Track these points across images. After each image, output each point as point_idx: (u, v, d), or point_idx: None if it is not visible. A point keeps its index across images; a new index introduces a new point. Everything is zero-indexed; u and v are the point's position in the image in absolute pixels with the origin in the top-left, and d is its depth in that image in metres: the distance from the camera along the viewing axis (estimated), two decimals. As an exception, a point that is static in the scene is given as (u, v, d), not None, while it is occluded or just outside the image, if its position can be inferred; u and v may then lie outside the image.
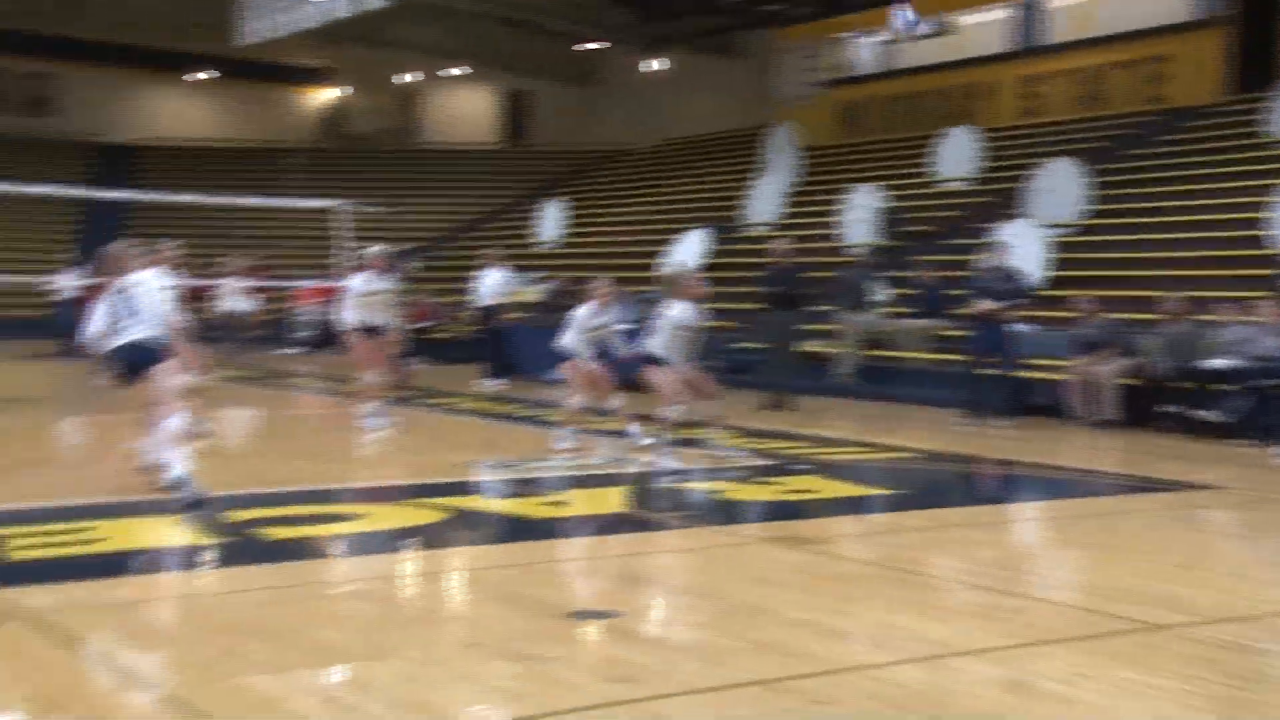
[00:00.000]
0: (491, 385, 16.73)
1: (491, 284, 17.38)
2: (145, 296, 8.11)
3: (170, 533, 7.11)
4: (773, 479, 9.17)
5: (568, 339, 10.74)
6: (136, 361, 8.00)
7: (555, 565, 6.51)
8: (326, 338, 24.31)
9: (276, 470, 9.54)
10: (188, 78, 36.58)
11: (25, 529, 7.06)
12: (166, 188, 28.25)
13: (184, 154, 34.94)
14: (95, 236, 29.09)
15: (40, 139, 33.70)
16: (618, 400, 10.99)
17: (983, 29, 25.22)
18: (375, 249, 12.21)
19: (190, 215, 29.98)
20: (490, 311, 17.39)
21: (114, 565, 6.20)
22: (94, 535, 6.89)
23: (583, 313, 10.74)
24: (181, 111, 36.93)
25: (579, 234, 26.24)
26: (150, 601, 5.49)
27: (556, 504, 8.30)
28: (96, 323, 8.17)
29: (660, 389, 9.72)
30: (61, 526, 7.14)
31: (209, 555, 6.55)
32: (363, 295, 11.73)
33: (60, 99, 35.32)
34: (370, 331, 11.74)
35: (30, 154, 32.39)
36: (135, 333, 8.00)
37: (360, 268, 12.55)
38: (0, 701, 3.99)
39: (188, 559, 6.53)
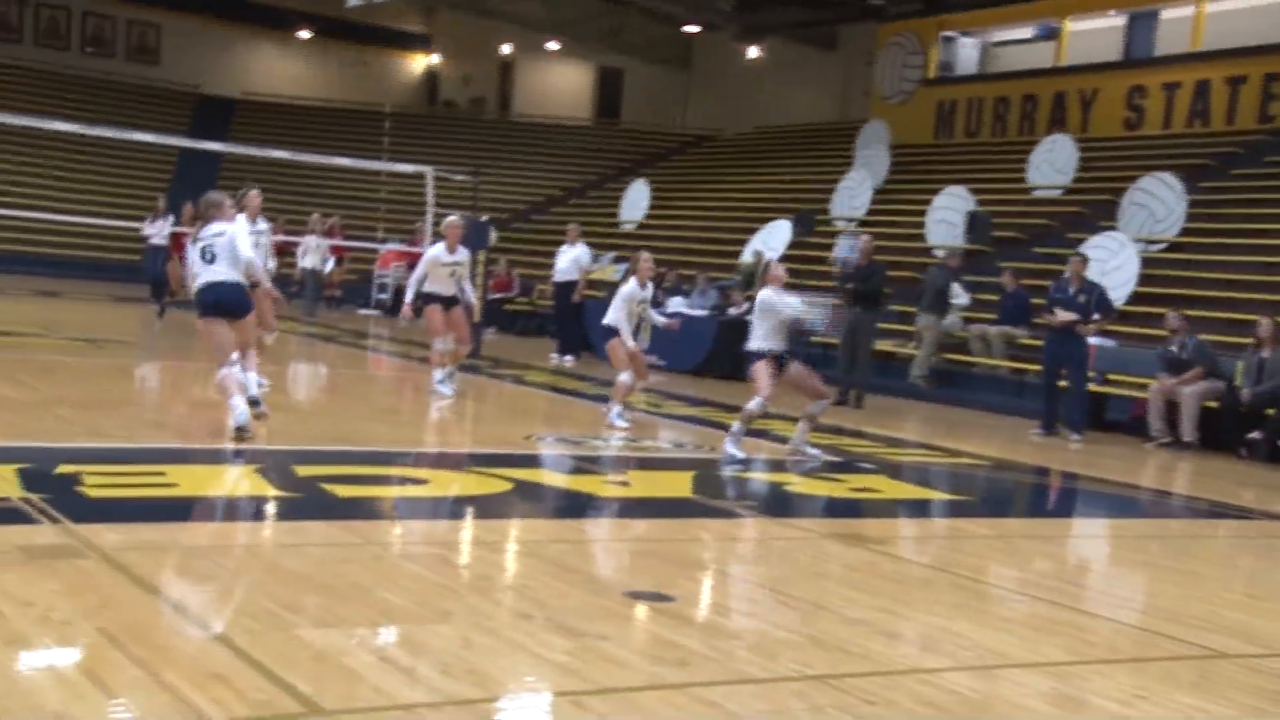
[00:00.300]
0: (564, 361, 16.80)
1: (570, 260, 17.42)
2: (228, 244, 8.44)
3: (238, 482, 7.24)
4: (838, 475, 9.12)
5: (611, 315, 10.69)
6: (219, 303, 8.40)
7: (614, 544, 6.52)
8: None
9: (345, 429, 9.66)
10: (289, 35, 37.05)
11: (101, 468, 7.22)
12: (261, 142, 28.69)
13: (280, 110, 35.44)
14: (188, 186, 29.68)
15: (143, 86, 34.38)
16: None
17: (1089, 36, 24.75)
18: (452, 218, 12.23)
19: (282, 171, 30.45)
20: (567, 287, 17.43)
21: (183, 510, 6.32)
22: (165, 480, 7.03)
23: (626, 289, 10.70)
24: (281, 68, 37.43)
25: (662, 216, 26.21)
26: (215, 549, 5.58)
27: (619, 483, 8.31)
28: (188, 267, 8.54)
29: (755, 381, 9.48)
30: (135, 468, 7.30)
31: (274, 508, 6.65)
32: (438, 264, 11.79)
33: (164, 48, 35.95)
34: (443, 301, 11.78)
35: (133, 100, 33.08)
36: (217, 277, 8.39)
37: (437, 236, 12.64)
38: (69, 633, 4.09)
39: (253, 509, 6.64)
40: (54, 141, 27.51)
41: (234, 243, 8.48)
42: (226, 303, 8.43)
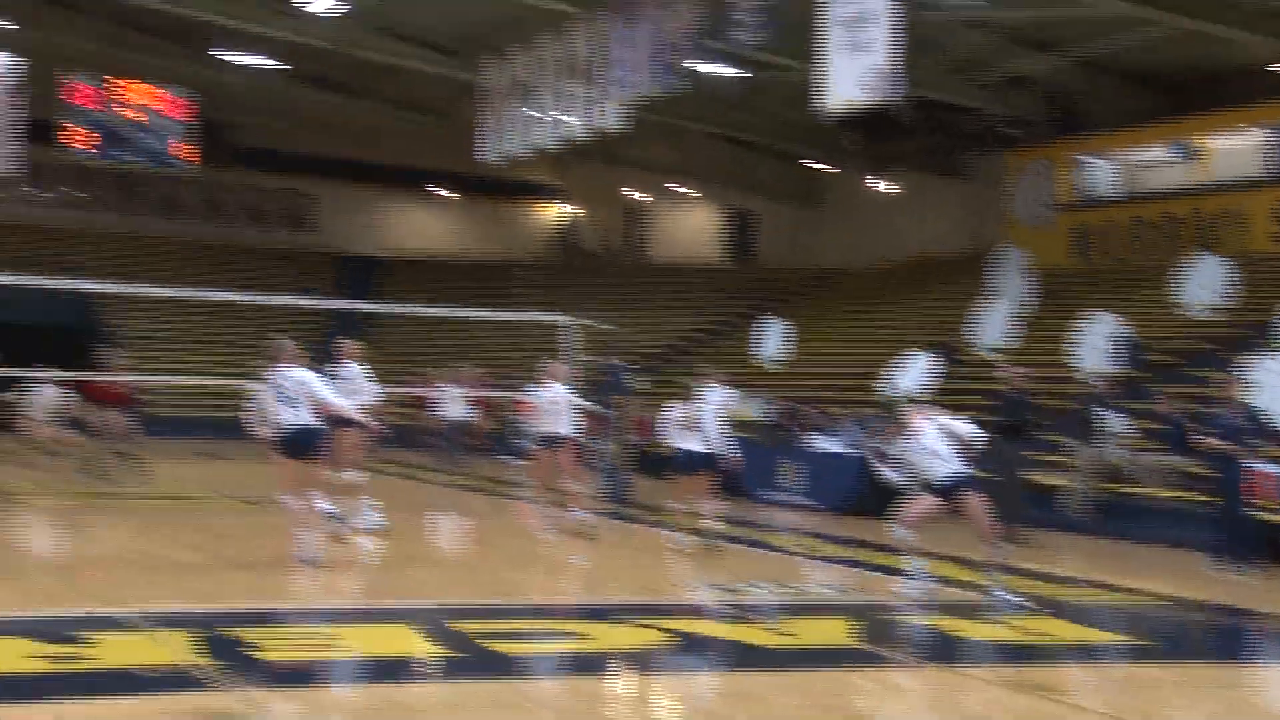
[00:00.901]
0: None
1: (720, 401, 17.21)
2: (303, 387, 9.36)
3: (401, 641, 7.28)
4: (1001, 617, 8.78)
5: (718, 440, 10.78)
6: (291, 444, 9.32)
7: (781, 698, 6.32)
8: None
9: (498, 581, 9.68)
10: (429, 194, 38.47)
11: (270, 630, 7.35)
12: (407, 299, 29.60)
13: (424, 266, 36.62)
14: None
15: (295, 251, 35.93)
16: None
17: (1230, 154, 24.25)
18: (556, 361, 12.97)
19: (425, 324, 31.33)
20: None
21: (351, 671, 6.36)
22: (334, 640, 7.11)
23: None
24: (423, 226, 38.79)
25: (801, 353, 26.15)
26: (382, 710, 5.59)
27: (781, 632, 8.12)
28: (256, 409, 9.50)
29: (975, 516, 9.22)
30: (302, 630, 7.42)
31: (437, 667, 6.65)
32: (549, 404, 12.18)
33: (314, 214, 37.61)
34: (553, 440, 12.25)
35: (287, 265, 34.56)
36: (291, 419, 9.29)
37: (544, 378, 12.94)
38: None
39: (417, 669, 6.64)
40: (217, 309, 28.81)
41: (311, 388, 9.27)
42: (297, 444, 9.27)
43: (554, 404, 12.49)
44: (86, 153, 24.69)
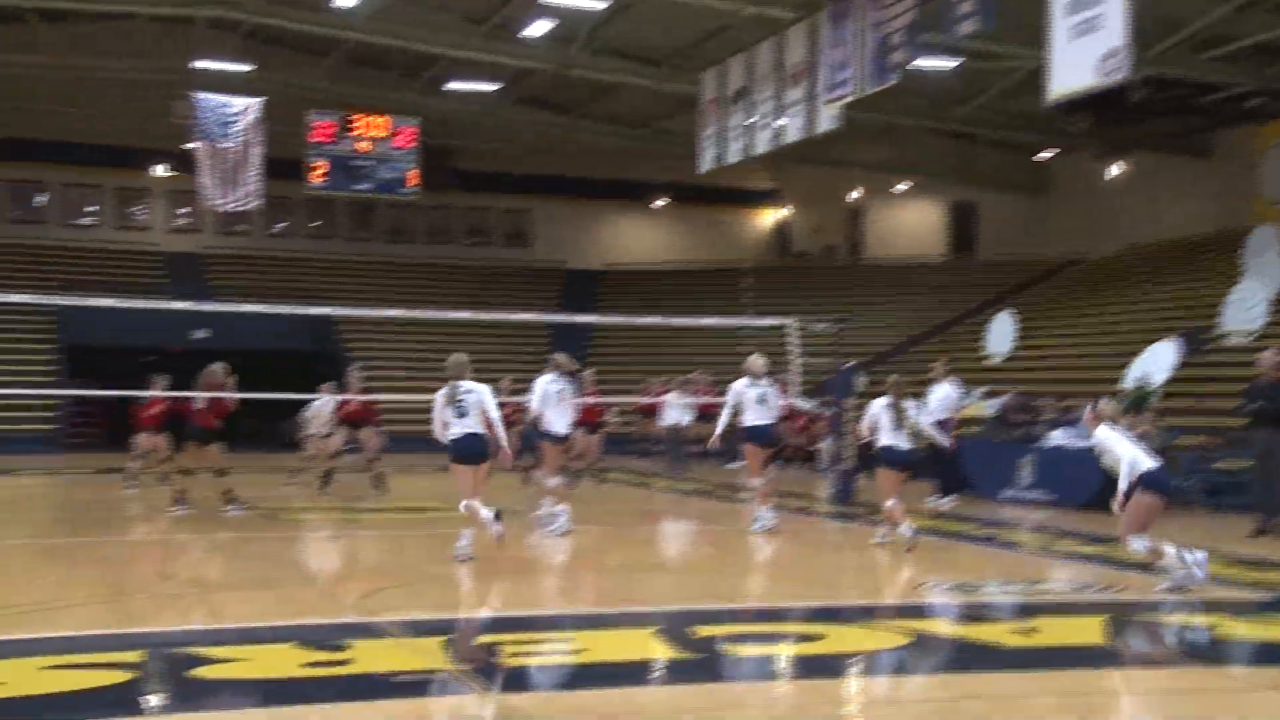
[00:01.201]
0: (943, 503, 16.30)
1: (941, 399, 16.99)
2: (476, 401, 10.22)
3: (642, 646, 7.37)
4: (1272, 615, 8.28)
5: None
6: (465, 453, 10.17)
7: (1034, 700, 6.12)
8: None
9: (731, 585, 9.70)
10: (646, 205, 38.95)
11: (516, 636, 7.56)
12: (628, 309, 30.05)
13: (642, 276, 37.12)
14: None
15: (517, 268, 36.97)
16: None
17: None
18: (752, 358, 13.14)
19: (647, 335, 31.72)
20: (940, 427, 16.94)
21: (594, 676, 6.48)
22: (576, 646, 7.26)
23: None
24: (639, 237, 39.30)
25: (1030, 346, 25.33)
26: (626, 714, 5.66)
27: (1026, 631, 7.87)
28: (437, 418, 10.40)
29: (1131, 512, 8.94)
30: (548, 635, 7.60)
31: (680, 671, 6.70)
32: (746, 401, 12.66)
33: (534, 231, 38.62)
34: (757, 436, 12.73)
35: (509, 282, 35.60)
36: (466, 429, 10.16)
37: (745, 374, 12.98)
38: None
39: (661, 674, 6.71)
40: (446, 328, 29.87)
41: (482, 400, 10.25)
42: (469, 452, 10.16)
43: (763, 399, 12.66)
44: (325, 186, 26.00)
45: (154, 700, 5.85)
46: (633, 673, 6.67)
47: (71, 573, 9.74)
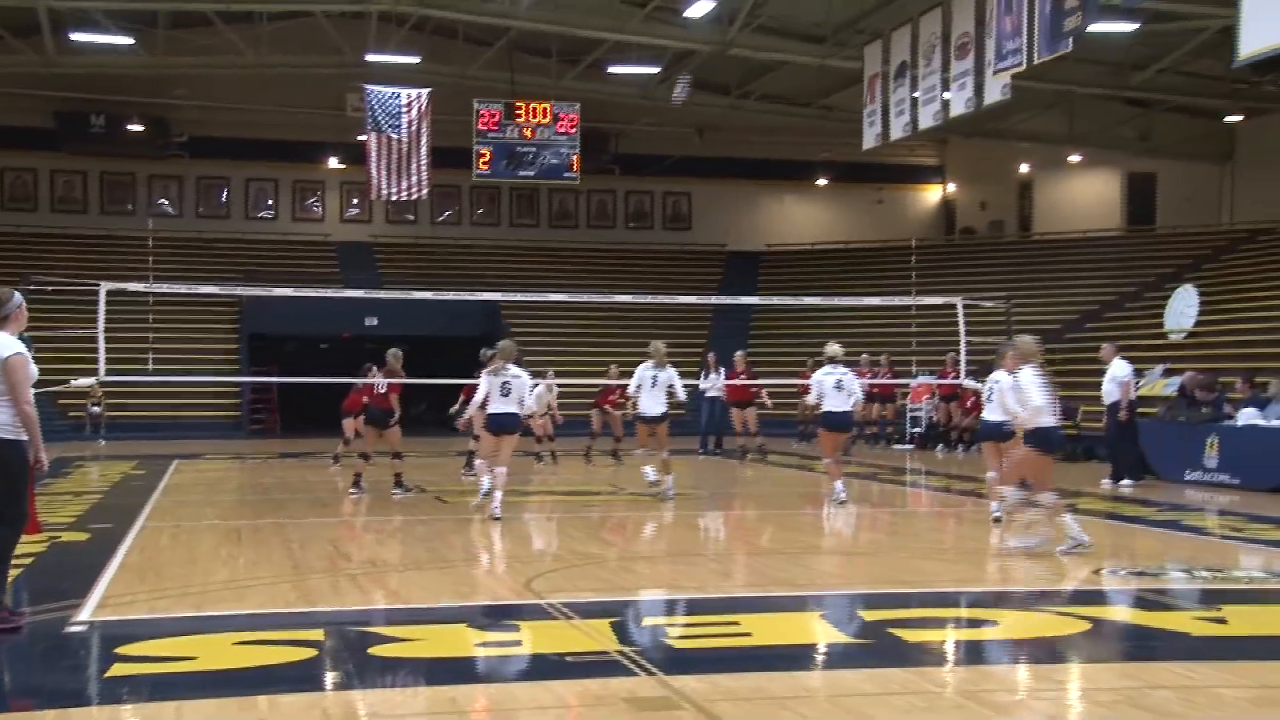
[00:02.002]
0: (1123, 486, 15.71)
1: (1110, 379, 16.30)
2: (520, 384, 12.05)
3: (808, 630, 7.32)
4: None
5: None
6: (501, 426, 12.12)
7: (1224, 693, 5.86)
8: (938, 434, 24.34)
9: (901, 569, 9.55)
10: (807, 184, 38.57)
11: (680, 619, 7.60)
12: (787, 290, 29.84)
13: (803, 256, 36.81)
14: (725, 339, 31.35)
15: (679, 251, 37.05)
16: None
17: None
18: (830, 345, 13.70)
19: (809, 315, 31.42)
20: (1113, 409, 16.34)
21: (760, 660, 6.46)
22: (740, 629, 7.25)
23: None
24: (801, 216, 38.95)
25: (1215, 321, 24.28)
26: (797, 699, 5.63)
27: (1213, 620, 7.54)
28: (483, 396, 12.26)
29: None
30: (710, 619, 7.61)
31: (848, 655, 6.63)
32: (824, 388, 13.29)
33: (695, 214, 38.62)
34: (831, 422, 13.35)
35: (671, 264, 35.72)
36: (505, 408, 12.04)
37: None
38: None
39: (829, 657, 6.65)
40: (608, 311, 30.12)
41: (523, 386, 12.19)
42: (506, 425, 12.12)
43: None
44: (490, 173, 26.46)
45: (338, 676, 6.05)
46: (799, 657, 6.63)
47: (257, 553, 10.16)
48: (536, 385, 14.58)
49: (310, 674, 6.10)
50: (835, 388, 13.28)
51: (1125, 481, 15.71)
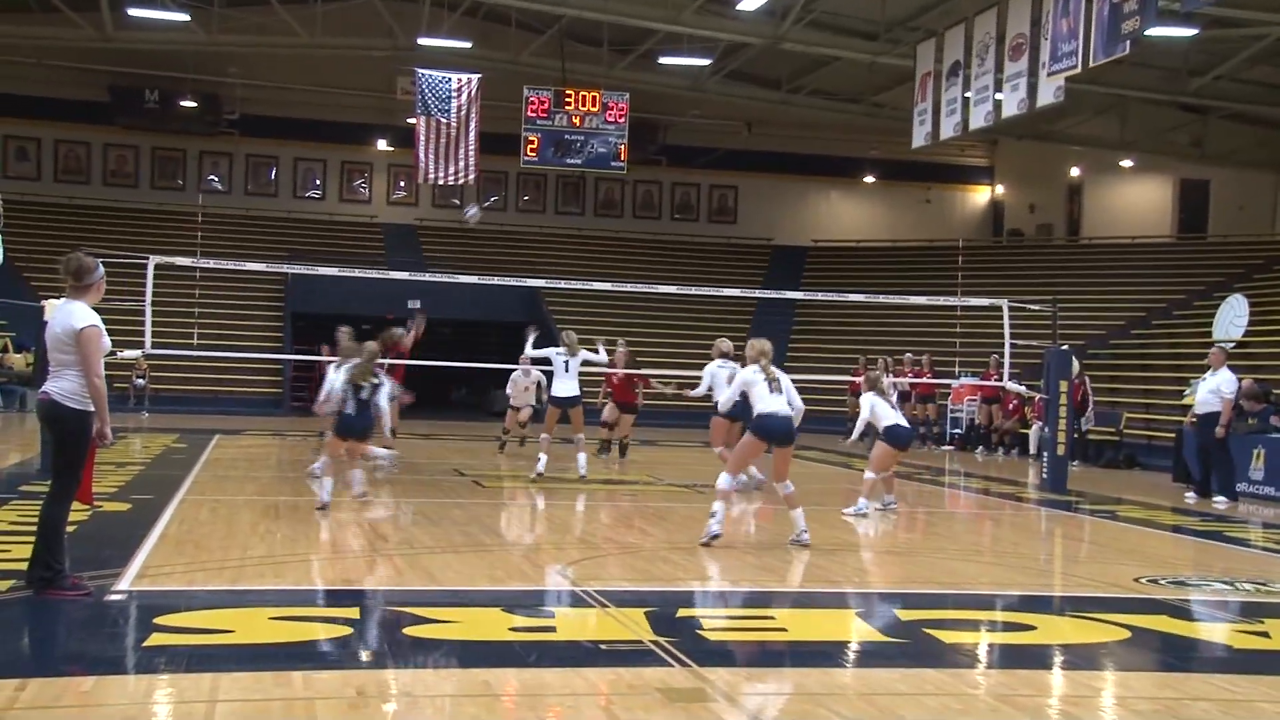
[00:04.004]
0: (1216, 503, 15.07)
1: (1210, 390, 15.29)
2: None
3: (843, 627, 7.28)
4: None
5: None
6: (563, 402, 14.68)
7: (1270, 708, 5.76)
8: (979, 436, 24.17)
9: (939, 570, 9.49)
10: (855, 181, 38.38)
11: (715, 611, 7.58)
12: (832, 286, 29.69)
13: (848, 253, 36.63)
14: (765, 333, 31.23)
15: (723, 244, 36.97)
16: None
17: None
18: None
19: (853, 312, 31.29)
20: (1209, 419, 15.54)
21: (794, 655, 6.43)
22: (775, 624, 7.23)
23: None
24: (847, 213, 38.77)
25: (1266, 331, 23.95)
26: (831, 695, 5.60)
27: (1256, 633, 7.43)
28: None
29: None
30: (745, 612, 7.58)
31: (883, 654, 6.59)
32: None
33: (740, 208, 38.52)
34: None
35: (715, 257, 35.65)
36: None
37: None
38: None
39: (862, 655, 6.61)
40: (651, 301, 30.12)
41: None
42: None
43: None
44: (538, 160, 26.50)
45: (372, 655, 6.08)
46: (833, 653, 6.60)
47: (295, 529, 10.22)
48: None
49: (345, 651, 6.13)
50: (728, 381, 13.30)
51: (1219, 498, 15.07)
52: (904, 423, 12.84)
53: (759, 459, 10.84)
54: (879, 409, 12.57)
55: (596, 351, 15.50)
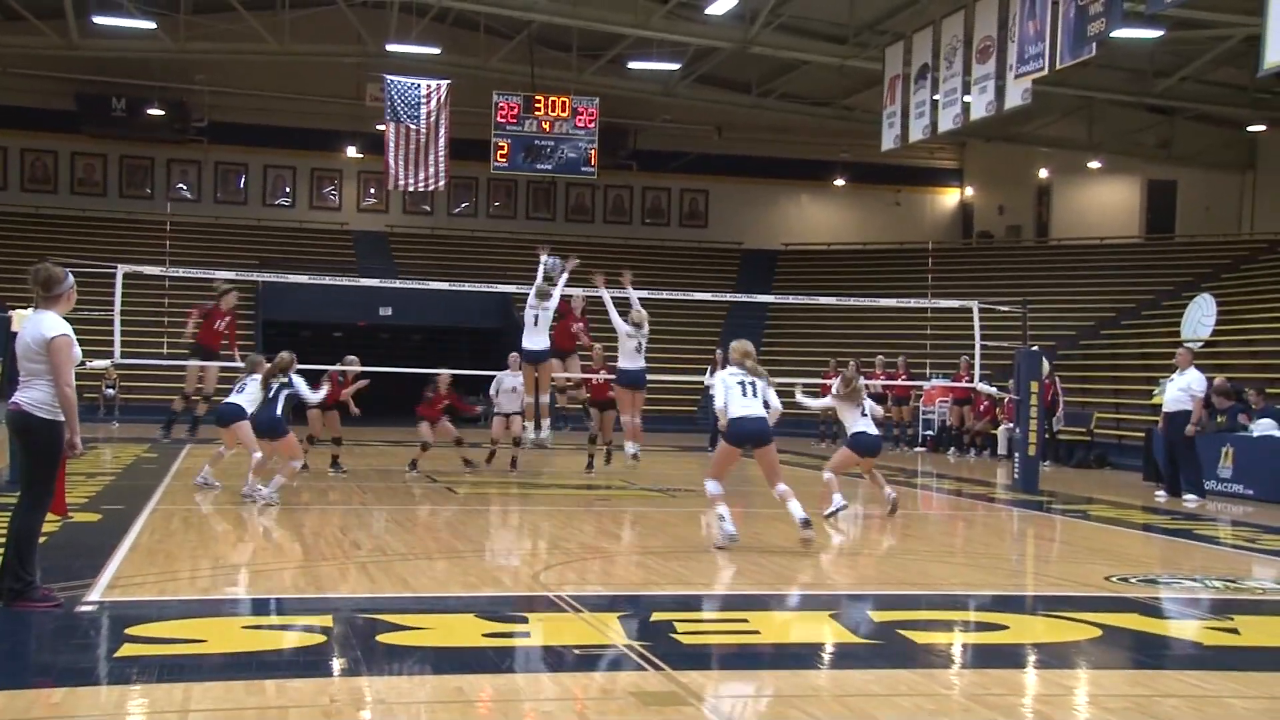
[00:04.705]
0: (1187, 501, 15.15)
1: (1180, 389, 15.38)
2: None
3: (816, 629, 7.31)
4: None
5: None
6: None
7: (1235, 703, 5.81)
8: (950, 436, 24.30)
9: (912, 571, 9.53)
10: (825, 184, 38.51)
11: (688, 615, 7.59)
12: (803, 289, 29.77)
13: (820, 257, 36.76)
14: (737, 336, 31.28)
15: (695, 248, 37.02)
16: None
17: None
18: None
19: (824, 315, 31.37)
20: (1178, 418, 15.59)
21: (768, 658, 6.45)
22: (748, 626, 7.24)
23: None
24: (817, 216, 38.89)
25: (1233, 331, 24.17)
26: (804, 697, 5.62)
27: (1225, 630, 7.49)
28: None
29: None
30: (719, 615, 7.59)
31: (856, 655, 6.62)
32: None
33: (711, 211, 38.58)
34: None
35: (685, 261, 35.68)
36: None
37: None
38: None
39: (837, 657, 6.64)
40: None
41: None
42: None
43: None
44: (508, 166, 26.48)
45: (346, 663, 6.06)
46: (807, 655, 6.62)
47: (267, 538, 10.17)
48: None
49: (318, 660, 6.11)
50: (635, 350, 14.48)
51: (1189, 496, 15.10)
52: (872, 430, 12.68)
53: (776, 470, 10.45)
54: (846, 417, 12.69)
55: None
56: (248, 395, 13.08)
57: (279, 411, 12.78)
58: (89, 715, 5.07)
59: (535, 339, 14.41)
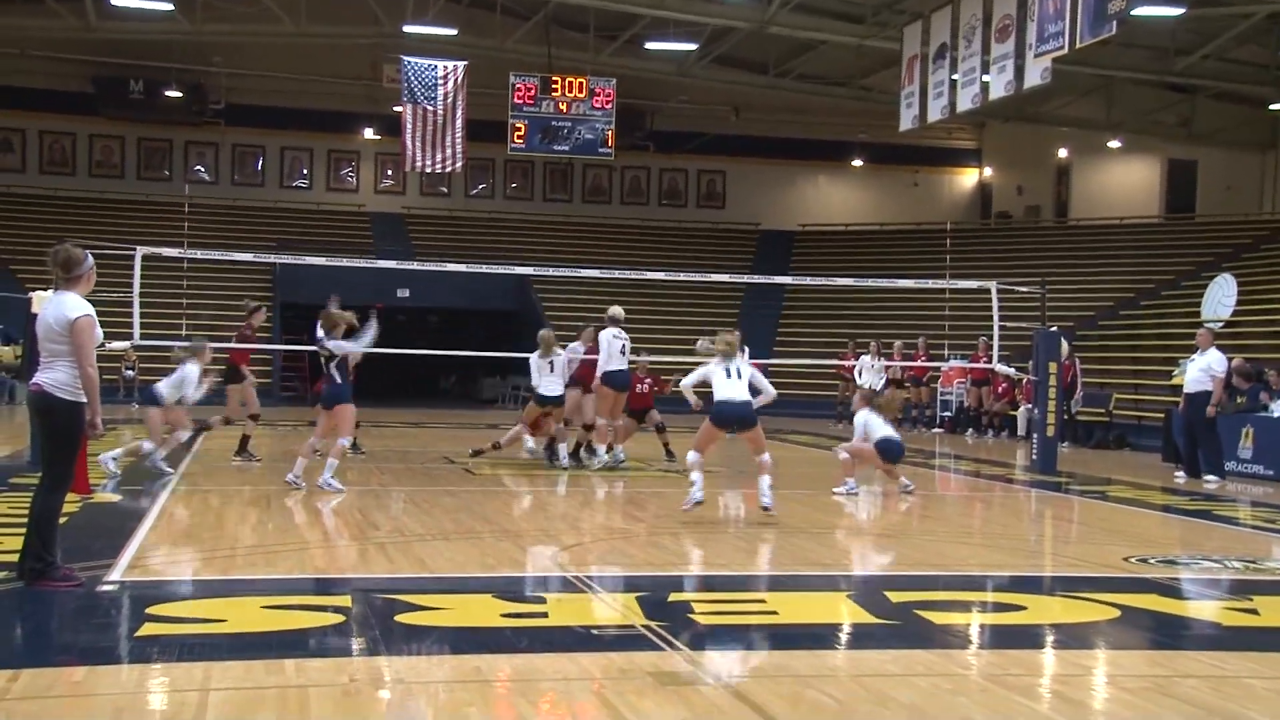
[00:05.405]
0: (1207, 482, 15.11)
1: (1201, 369, 15.33)
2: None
3: (834, 609, 7.30)
4: None
5: None
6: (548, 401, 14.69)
7: (1255, 684, 5.79)
8: (968, 417, 24.22)
9: (930, 552, 9.52)
10: (843, 165, 38.36)
11: (707, 595, 7.60)
12: (820, 271, 29.71)
13: (836, 237, 36.65)
14: (755, 317, 31.26)
15: (711, 229, 36.95)
16: None
17: None
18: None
19: (842, 295, 31.30)
20: (1199, 399, 15.49)
21: (786, 638, 6.45)
22: (766, 607, 7.25)
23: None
24: (835, 197, 38.77)
25: (1254, 311, 24.03)
26: (822, 677, 5.62)
27: (1244, 610, 7.46)
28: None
29: None
30: (737, 596, 7.60)
31: (874, 635, 6.61)
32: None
33: (728, 193, 38.49)
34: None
35: (702, 242, 35.63)
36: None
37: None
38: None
39: (854, 638, 6.64)
40: (640, 288, 30.08)
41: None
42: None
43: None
44: (525, 147, 26.45)
45: (364, 642, 6.08)
46: (825, 636, 6.62)
47: (285, 519, 10.21)
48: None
49: (338, 639, 6.14)
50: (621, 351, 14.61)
51: (1210, 477, 15.03)
52: (896, 436, 12.99)
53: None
54: (872, 424, 12.74)
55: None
56: (174, 380, 13.29)
57: (338, 379, 12.29)
58: (110, 693, 5.10)
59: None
